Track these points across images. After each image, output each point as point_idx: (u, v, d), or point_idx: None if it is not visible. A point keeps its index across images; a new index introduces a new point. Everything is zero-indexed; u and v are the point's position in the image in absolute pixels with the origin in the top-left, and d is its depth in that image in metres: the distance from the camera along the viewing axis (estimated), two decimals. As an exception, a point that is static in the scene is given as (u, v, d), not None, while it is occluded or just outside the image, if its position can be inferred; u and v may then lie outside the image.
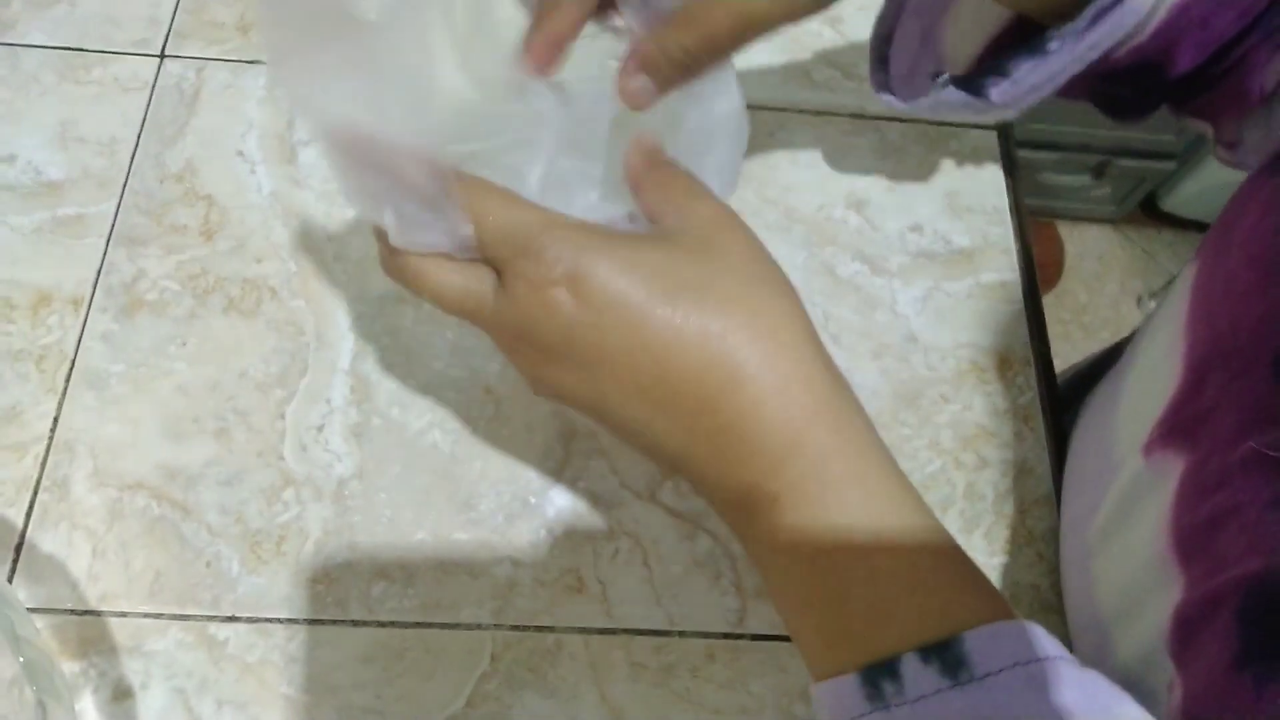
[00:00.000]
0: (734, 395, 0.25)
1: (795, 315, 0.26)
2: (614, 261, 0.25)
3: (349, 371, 0.41)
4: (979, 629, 0.23)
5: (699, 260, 0.25)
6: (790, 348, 0.25)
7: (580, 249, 0.25)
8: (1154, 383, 0.34)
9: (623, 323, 0.24)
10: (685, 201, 0.27)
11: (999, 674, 0.22)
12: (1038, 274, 0.47)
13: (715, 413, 0.25)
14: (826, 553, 0.24)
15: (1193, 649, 0.28)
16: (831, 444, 0.25)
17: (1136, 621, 0.32)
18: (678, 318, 0.24)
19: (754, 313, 0.25)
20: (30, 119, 0.45)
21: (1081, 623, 0.37)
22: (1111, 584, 0.34)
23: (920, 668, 0.23)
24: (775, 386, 0.25)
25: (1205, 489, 0.29)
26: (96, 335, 0.41)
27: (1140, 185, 1.43)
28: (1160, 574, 0.30)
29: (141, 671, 0.35)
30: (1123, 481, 0.34)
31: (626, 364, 0.25)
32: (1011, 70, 0.33)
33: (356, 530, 0.38)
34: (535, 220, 0.25)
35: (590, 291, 0.24)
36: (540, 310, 0.25)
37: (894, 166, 0.49)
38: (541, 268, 0.24)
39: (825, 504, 0.25)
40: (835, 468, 0.25)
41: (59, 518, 0.37)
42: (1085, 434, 0.40)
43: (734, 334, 0.25)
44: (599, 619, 0.38)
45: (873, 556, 0.24)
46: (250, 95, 0.46)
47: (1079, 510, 0.38)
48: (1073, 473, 0.40)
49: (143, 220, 0.43)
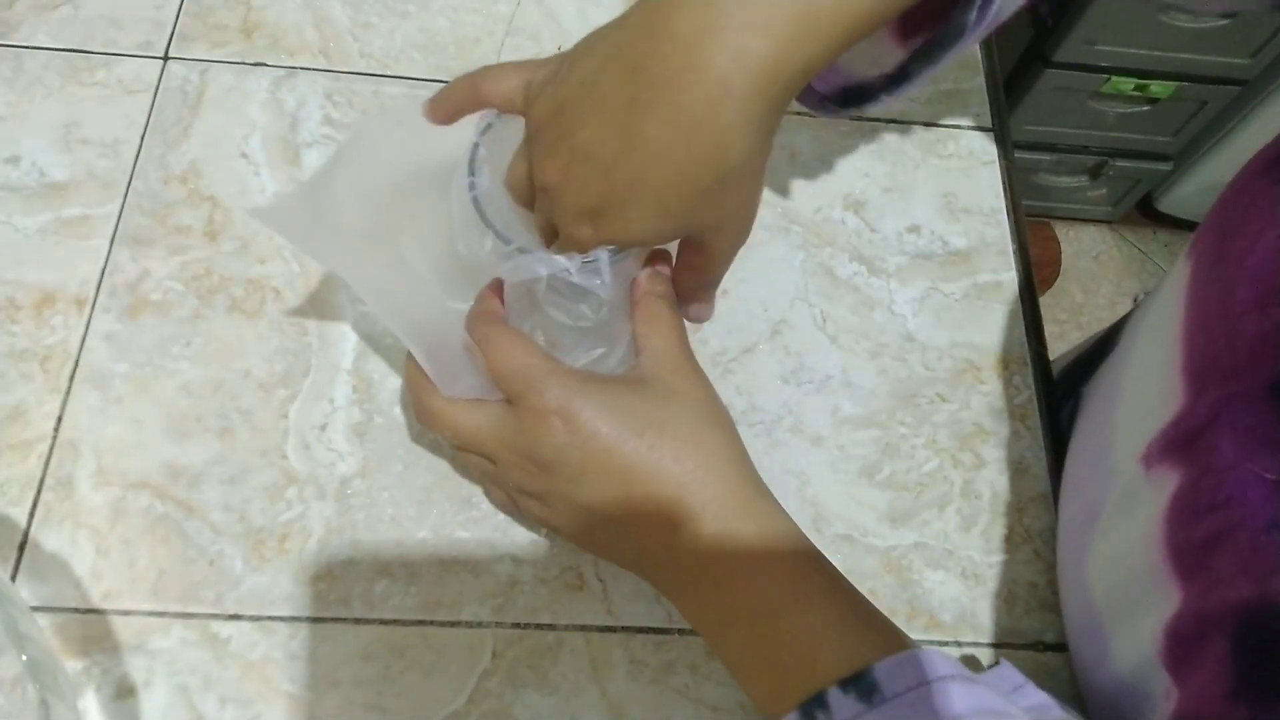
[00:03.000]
0: (682, 506, 0.32)
1: (730, 447, 0.34)
2: (596, 403, 0.32)
3: (351, 371, 0.41)
4: (884, 661, 0.29)
5: (661, 404, 0.33)
6: (726, 473, 0.33)
7: (572, 391, 0.32)
8: (1152, 390, 0.34)
9: (601, 449, 0.32)
10: (661, 347, 0.35)
11: (904, 694, 0.28)
12: (1034, 274, 0.47)
13: (667, 518, 0.32)
14: (762, 618, 0.31)
15: (1187, 666, 0.29)
16: (756, 534, 0.32)
17: (1133, 628, 0.32)
18: (643, 448, 0.32)
19: (699, 446, 0.33)
20: (35, 120, 0.45)
21: (1078, 623, 0.37)
22: (1107, 588, 0.34)
23: (841, 697, 0.28)
24: (713, 498, 0.32)
25: (1201, 505, 0.29)
26: (100, 335, 0.41)
27: (1136, 186, 1.43)
28: (1156, 585, 0.31)
29: (144, 669, 0.36)
30: (1121, 489, 0.34)
31: (603, 480, 0.32)
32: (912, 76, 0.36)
33: (359, 528, 0.38)
34: (542, 365, 0.33)
35: (578, 424, 0.32)
36: (541, 431, 0.32)
37: (891, 168, 0.49)
38: (543, 401, 0.32)
39: (755, 582, 0.32)
40: (759, 551, 0.32)
41: (63, 516, 0.38)
42: (1084, 434, 0.40)
43: (684, 461, 0.32)
44: (599, 617, 0.38)
45: (795, 616, 0.31)
46: (254, 97, 0.47)
47: (1076, 512, 0.38)
48: (1071, 473, 0.40)
49: (146, 221, 0.43)
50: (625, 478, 0.32)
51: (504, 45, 0.50)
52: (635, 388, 0.34)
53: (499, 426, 0.34)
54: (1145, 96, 1.22)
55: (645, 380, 0.34)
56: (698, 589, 0.33)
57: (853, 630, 0.31)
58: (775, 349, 0.44)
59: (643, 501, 0.32)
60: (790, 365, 0.44)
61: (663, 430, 0.32)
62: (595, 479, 0.32)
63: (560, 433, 0.32)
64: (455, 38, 0.50)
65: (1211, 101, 1.23)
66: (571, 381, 0.33)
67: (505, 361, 0.33)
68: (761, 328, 0.44)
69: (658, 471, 0.32)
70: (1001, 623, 0.40)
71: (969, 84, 0.52)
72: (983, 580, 0.40)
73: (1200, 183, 1.38)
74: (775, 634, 0.31)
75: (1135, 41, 1.13)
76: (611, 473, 0.32)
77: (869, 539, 0.41)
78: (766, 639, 0.31)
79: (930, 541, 0.41)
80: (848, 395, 0.43)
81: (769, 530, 0.33)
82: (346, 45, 0.49)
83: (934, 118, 0.51)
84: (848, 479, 0.42)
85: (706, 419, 0.34)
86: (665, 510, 0.32)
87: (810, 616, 0.31)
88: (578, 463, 0.32)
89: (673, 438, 0.32)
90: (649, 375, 0.34)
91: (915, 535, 0.41)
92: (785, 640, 0.31)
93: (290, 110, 0.47)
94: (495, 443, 0.34)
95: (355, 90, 0.47)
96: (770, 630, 0.31)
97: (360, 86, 0.48)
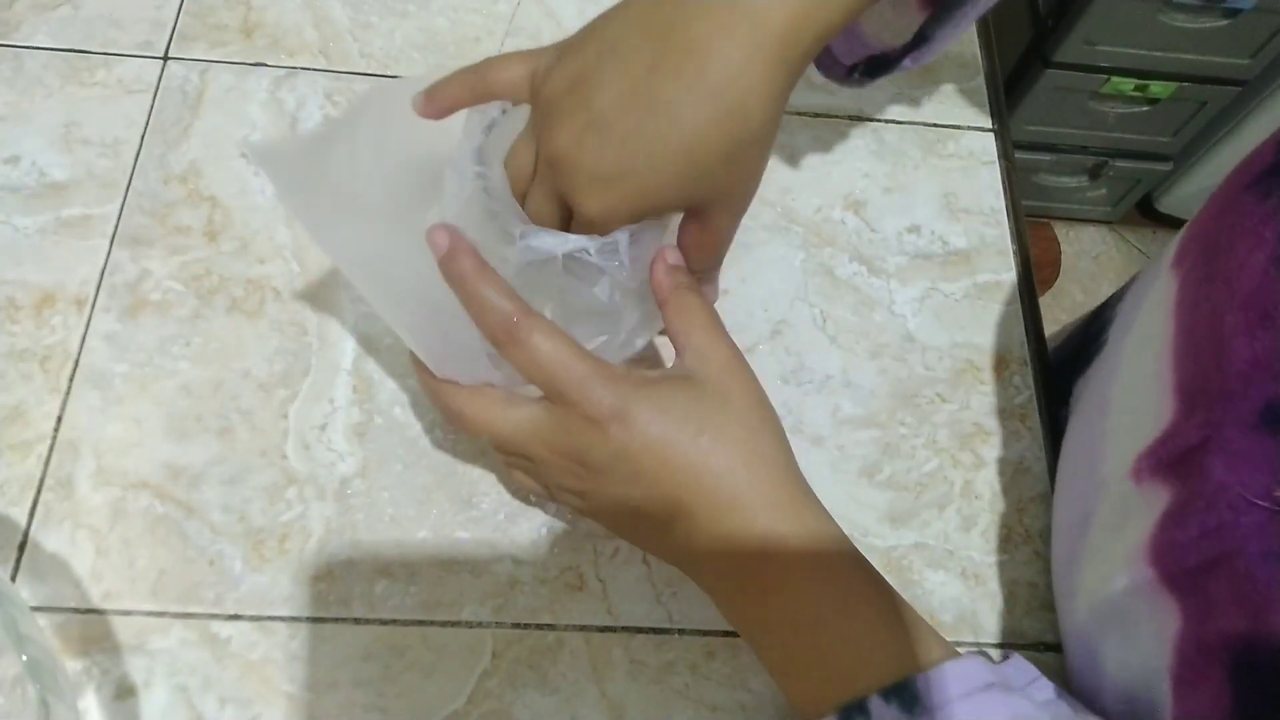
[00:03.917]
0: (734, 510, 0.31)
1: (782, 452, 0.33)
2: (652, 407, 0.31)
3: (351, 371, 0.41)
4: (928, 671, 0.28)
5: (714, 407, 0.32)
6: (777, 478, 0.32)
7: (625, 396, 0.31)
8: (1142, 405, 0.34)
9: (657, 455, 0.31)
10: (704, 342, 0.34)
11: (945, 706, 0.28)
12: (1034, 274, 0.47)
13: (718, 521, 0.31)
14: (806, 624, 0.31)
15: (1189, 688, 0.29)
16: (804, 539, 0.32)
17: (1126, 639, 0.32)
18: (697, 452, 0.31)
19: (754, 452, 0.32)
20: (35, 120, 0.45)
21: (1071, 627, 0.37)
22: (1097, 597, 0.34)
23: (883, 706, 0.28)
24: (764, 503, 0.32)
25: (1191, 526, 0.29)
26: (100, 335, 0.41)
27: (1136, 186, 1.43)
28: (1150, 599, 0.31)
29: (144, 669, 0.36)
30: (1111, 502, 0.35)
31: (656, 483, 0.32)
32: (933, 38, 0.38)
33: (359, 529, 0.38)
34: (590, 370, 0.31)
35: (635, 430, 0.31)
36: (594, 438, 0.31)
37: (891, 168, 0.49)
38: (597, 407, 0.31)
39: (801, 587, 0.31)
40: (806, 557, 0.32)
41: (62, 516, 0.37)
42: (1074, 442, 0.40)
43: (739, 468, 0.32)
44: (599, 617, 0.38)
45: (840, 623, 0.31)
46: (253, 97, 0.47)
47: (1067, 520, 0.38)
48: (1063, 481, 0.40)
49: (146, 221, 0.43)
50: (679, 481, 0.31)
51: (504, 45, 0.50)
52: (688, 389, 0.33)
53: (544, 430, 0.32)
54: (1145, 97, 1.22)
55: (697, 381, 0.33)
56: (742, 592, 0.32)
57: (898, 639, 0.30)
58: (775, 349, 0.44)
59: (695, 505, 0.32)
60: (790, 365, 0.44)
61: (719, 434, 0.32)
62: (648, 482, 0.32)
63: (616, 440, 0.31)
64: (455, 37, 0.50)
65: (1211, 102, 1.23)
66: (623, 386, 0.31)
67: (550, 361, 0.31)
68: (761, 328, 0.44)
69: (713, 476, 0.31)
70: (1002, 623, 0.40)
71: (969, 84, 0.52)
72: (983, 580, 0.40)
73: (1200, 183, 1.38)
74: (818, 641, 0.31)
75: (1135, 42, 1.13)
76: (665, 477, 0.31)
77: (869, 539, 0.41)
78: (809, 645, 0.31)
79: (930, 542, 0.41)
80: (848, 395, 0.43)
81: (816, 535, 0.32)
82: (346, 45, 0.49)
83: (934, 118, 0.51)
84: (848, 479, 0.42)
85: (759, 422, 0.33)
86: (716, 513, 0.31)
87: (857, 624, 0.31)
88: (631, 468, 0.31)
89: (728, 441, 0.32)
90: (699, 375, 0.33)
91: (915, 535, 0.41)
92: (828, 647, 0.31)
93: (290, 110, 0.47)
94: (538, 445, 0.33)
95: (355, 90, 0.47)
96: (814, 637, 0.31)
97: (360, 86, 0.48)
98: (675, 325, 0.34)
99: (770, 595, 0.32)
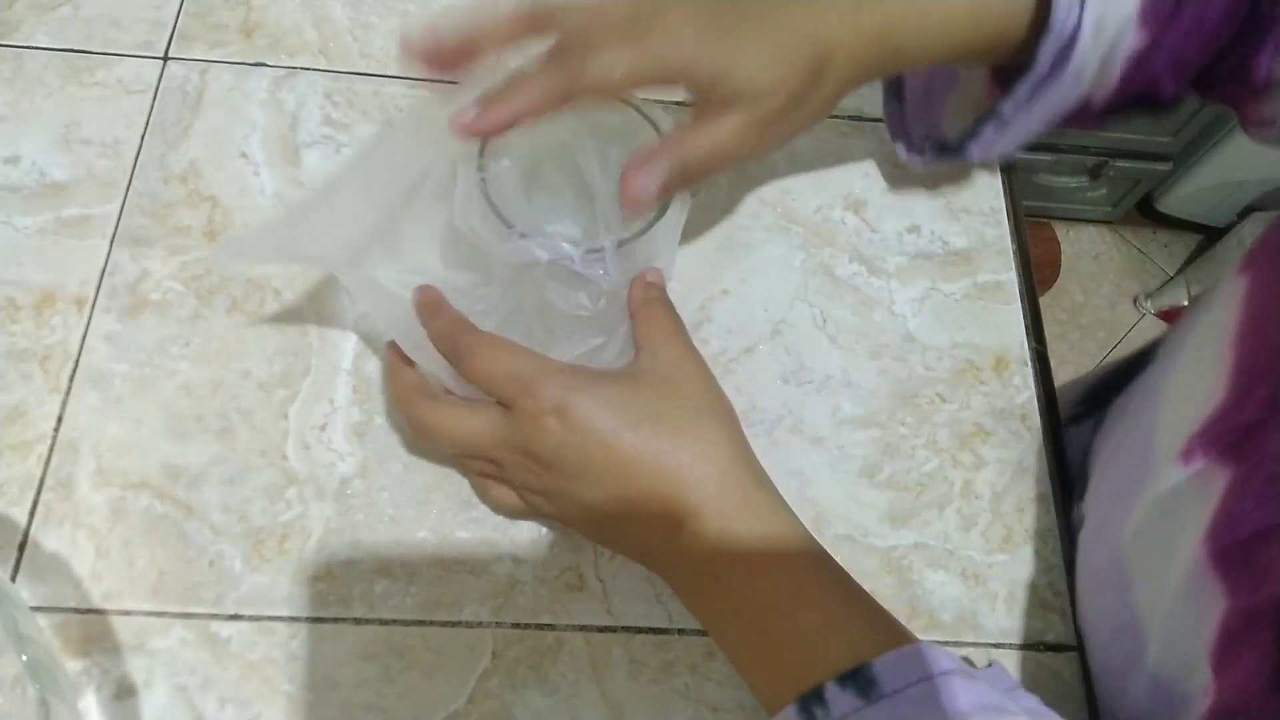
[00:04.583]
0: (682, 500, 0.32)
1: (730, 438, 0.33)
2: (591, 397, 0.32)
3: (351, 371, 0.41)
4: (884, 655, 0.29)
5: (658, 395, 0.33)
6: (725, 466, 0.33)
7: (566, 388, 0.32)
8: (1198, 391, 0.34)
9: (598, 444, 0.32)
10: (660, 342, 0.34)
11: (904, 690, 0.28)
12: (1034, 274, 0.47)
13: (667, 513, 0.32)
14: (763, 615, 0.31)
15: (1231, 660, 0.29)
16: (756, 530, 0.32)
17: (1177, 627, 0.32)
18: (639, 442, 0.32)
19: (698, 437, 0.33)
20: (35, 120, 0.45)
21: (1111, 624, 0.37)
22: (1148, 590, 0.34)
23: (839, 692, 0.28)
24: (712, 493, 0.32)
25: (1248, 504, 0.29)
26: (100, 335, 0.41)
27: (1136, 186, 1.43)
28: (1202, 584, 0.31)
29: (144, 670, 0.36)
30: (1162, 487, 0.34)
31: (601, 475, 0.32)
32: (981, 136, 0.41)
33: (359, 529, 0.38)
34: (529, 366, 0.33)
35: (574, 421, 0.32)
36: (538, 433, 0.32)
37: (891, 168, 0.49)
38: (538, 402, 0.32)
39: (755, 579, 0.32)
40: (760, 548, 0.32)
41: (62, 517, 0.37)
42: (1119, 435, 0.41)
43: (681, 454, 0.32)
44: (599, 617, 0.38)
45: (797, 614, 0.31)
46: (254, 97, 0.47)
47: (1110, 511, 0.38)
48: (1104, 474, 0.40)
49: (146, 221, 0.43)
50: (623, 472, 0.32)
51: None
52: (631, 381, 0.34)
53: (497, 429, 0.34)
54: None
55: (642, 373, 0.34)
56: (700, 585, 0.33)
57: (854, 626, 0.31)
58: (775, 349, 0.44)
59: (642, 497, 0.32)
60: (790, 365, 0.44)
61: (659, 423, 0.32)
62: (595, 475, 0.32)
63: (557, 432, 0.32)
64: (455, 38, 0.50)
65: (1212, 101, 1.23)
66: (563, 379, 0.32)
67: (491, 368, 0.33)
68: (761, 328, 0.44)
69: (655, 466, 0.32)
70: (1001, 623, 0.40)
71: (969, 84, 0.52)
72: (983, 580, 0.40)
73: (1200, 183, 1.38)
74: (777, 631, 0.31)
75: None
76: (610, 468, 0.32)
77: (869, 539, 0.41)
78: (768, 636, 0.31)
79: (930, 542, 0.41)
80: (848, 395, 0.43)
81: (770, 526, 0.32)
82: (346, 45, 0.49)
83: (934, 118, 0.51)
84: (848, 479, 0.42)
85: (706, 411, 0.34)
86: (665, 505, 0.32)
87: (811, 614, 0.31)
88: (577, 460, 0.32)
89: (670, 431, 0.32)
90: (648, 369, 0.34)
91: (915, 535, 0.41)
92: (787, 637, 0.31)
93: (290, 110, 0.47)
94: (495, 445, 0.34)
95: (355, 90, 0.47)
96: (772, 627, 0.31)
97: (360, 86, 0.48)
98: (638, 331, 0.35)
99: (725, 586, 0.32)
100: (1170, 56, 0.37)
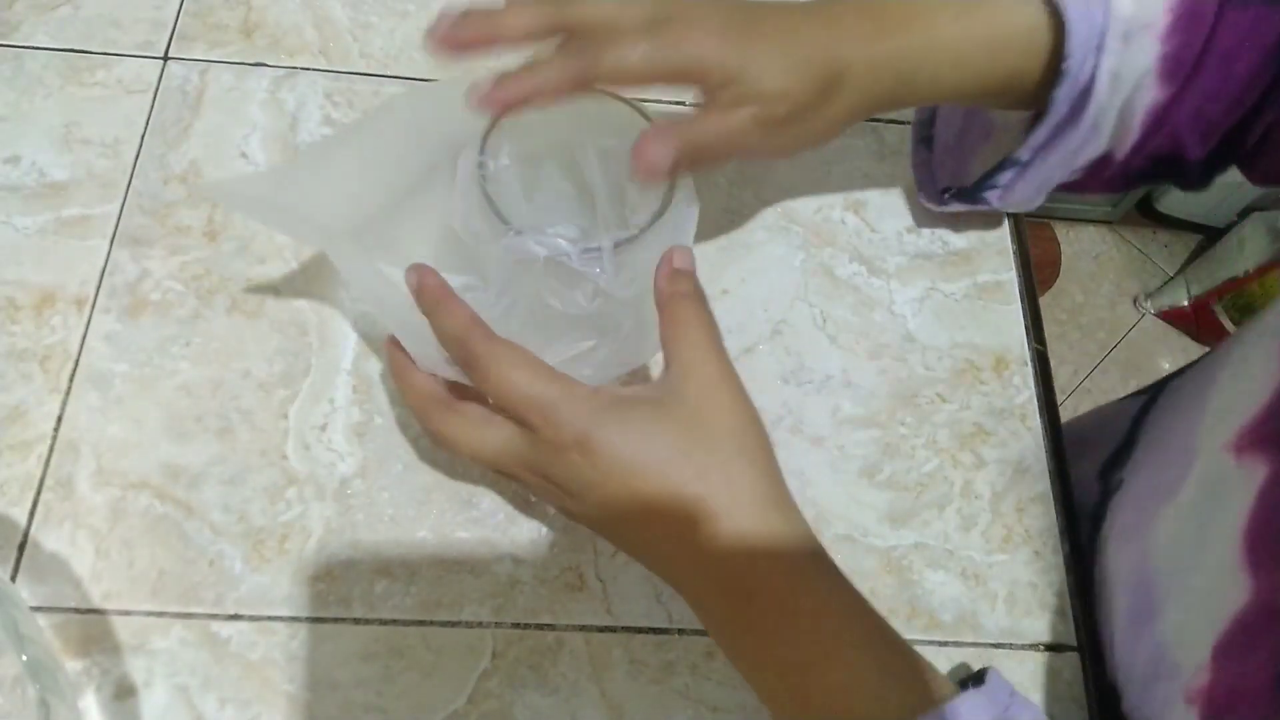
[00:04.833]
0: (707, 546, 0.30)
1: (760, 478, 0.32)
2: (616, 432, 0.30)
3: (351, 371, 0.41)
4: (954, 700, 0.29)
5: (686, 432, 0.31)
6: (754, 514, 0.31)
7: (589, 421, 0.30)
8: (1249, 386, 0.34)
9: (622, 480, 0.30)
10: (692, 358, 0.32)
11: None
12: (1034, 274, 0.47)
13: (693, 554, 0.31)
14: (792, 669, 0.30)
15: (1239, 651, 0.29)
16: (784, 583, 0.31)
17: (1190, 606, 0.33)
18: (664, 485, 0.30)
19: (727, 483, 0.31)
20: (34, 121, 0.45)
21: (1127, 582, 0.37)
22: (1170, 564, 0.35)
23: None
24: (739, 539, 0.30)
25: None
26: (100, 335, 0.41)
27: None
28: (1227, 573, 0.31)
29: (144, 670, 0.36)
30: (1205, 476, 0.35)
31: (625, 512, 0.31)
32: (999, 181, 0.41)
33: (359, 529, 0.38)
34: (551, 392, 0.31)
35: (597, 457, 0.30)
36: (560, 465, 0.31)
37: (892, 168, 0.49)
38: (559, 433, 0.30)
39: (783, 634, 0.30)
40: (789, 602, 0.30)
41: (62, 517, 0.37)
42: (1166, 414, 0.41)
43: (707, 501, 0.30)
44: (599, 617, 0.38)
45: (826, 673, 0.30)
46: (253, 97, 0.47)
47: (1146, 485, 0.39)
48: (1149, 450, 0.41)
49: (146, 221, 0.43)
50: (647, 511, 0.31)
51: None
52: (657, 410, 0.31)
53: (518, 450, 0.32)
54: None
55: (672, 402, 0.32)
56: (728, 626, 0.32)
57: (885, 688, 0.30)
58: (775, 349, 0.44)
59: (665, 538, 0.31)
60: (790, 365, 0.44)
61: (686, 464, 0.31)
62: (618, 511, 0.31)
63: (580, 465, 0.31)
64: (455, 38, 0.50)
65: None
66: (586, 408, 0.31)
67: (509, 389, 0.31)
68: (761, 328, 0.44)
69: (680, 510, 0.30)
70: (1001, 623, 0.40)
71: (969, 84, 0.52)
72: (983, 580, 0.40)
73: (1200, 183, 1.38)
74: (804, 687, 0.30)
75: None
76: (633, 506, 0.31)
77: (869, 539, 0.41)
78: (797, 690, 0.31)
79: (930, 542, 0.41)
80: (848, 395, 0.43)
81: (799, 579, 0.31)
82: (346, 45, 0.49)
83: (934, 118, 0.51)
84: (848, 479, 0.42)
85: (735, 451, 0.31)
86: (689, 548, 0.31)
87: (840, 674, 0.30)
88: (599, 495, 0.31)
89: (696, 476, 0.31)
90: (677, 394, 0.32)
91: (915, 535, 0.41)
92: (814, 696, 0.30)
93: (290, 110, 0.47)
94: (516, 465, 0.33)
95: (355, 90, 0.47)
96: (800, 683, 0.30)
97: (360, 86, 0.48)
98: (666, 335, 0.33)
99: (754, 634, 0.31)
100: (1192, 114, 0.37)
